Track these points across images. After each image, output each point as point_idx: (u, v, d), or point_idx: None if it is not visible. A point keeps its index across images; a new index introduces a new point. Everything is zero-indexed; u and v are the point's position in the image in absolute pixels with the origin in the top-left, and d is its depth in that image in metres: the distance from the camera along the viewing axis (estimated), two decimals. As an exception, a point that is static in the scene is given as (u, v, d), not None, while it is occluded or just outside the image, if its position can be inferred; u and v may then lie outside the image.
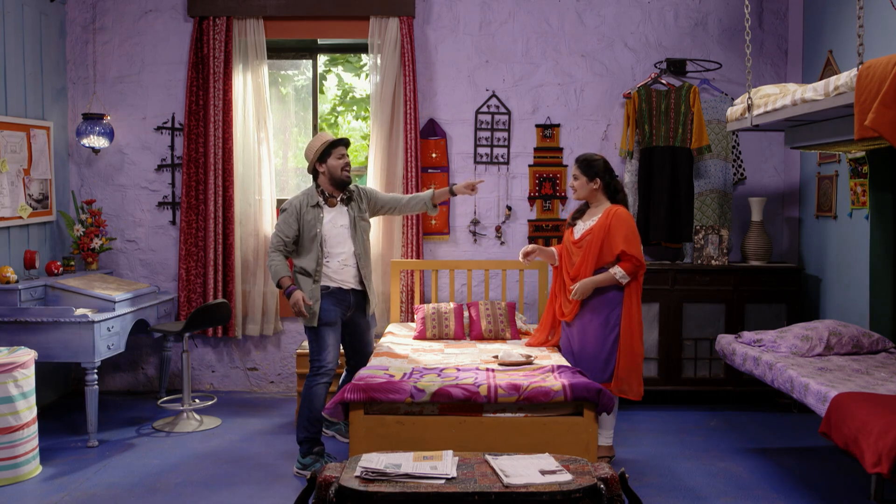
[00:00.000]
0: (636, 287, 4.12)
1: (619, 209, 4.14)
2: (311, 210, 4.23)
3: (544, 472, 2.80)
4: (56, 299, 4.74)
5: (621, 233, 4.05)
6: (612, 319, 4.10)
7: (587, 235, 4.14)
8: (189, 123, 5.50)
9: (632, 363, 4.10)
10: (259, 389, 5.78)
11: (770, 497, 3.80)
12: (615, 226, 4.06)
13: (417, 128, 5.48)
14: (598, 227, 4.11)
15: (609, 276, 4.06)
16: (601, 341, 4.10)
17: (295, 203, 4.25)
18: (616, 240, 4.04)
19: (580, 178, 4.21)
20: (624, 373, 4.09)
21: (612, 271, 4.06)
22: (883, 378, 3.66)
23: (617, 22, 5.61)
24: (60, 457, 4.34)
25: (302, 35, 5.65)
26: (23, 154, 5.02)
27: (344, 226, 4.28)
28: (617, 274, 4.05)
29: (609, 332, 4.10)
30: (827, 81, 3.46)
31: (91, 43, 5.65)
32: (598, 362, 4.10)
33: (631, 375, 4.10)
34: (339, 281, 4.25)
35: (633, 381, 4.11)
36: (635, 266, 4.06)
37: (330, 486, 2.72)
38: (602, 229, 4.09)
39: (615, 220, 4.08)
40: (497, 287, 5.63)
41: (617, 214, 4.10)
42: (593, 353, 4.12)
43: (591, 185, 4.20)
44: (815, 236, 5.32)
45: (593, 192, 4.22)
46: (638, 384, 4.13)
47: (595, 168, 4.19)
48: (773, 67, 5.64)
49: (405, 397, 3.48)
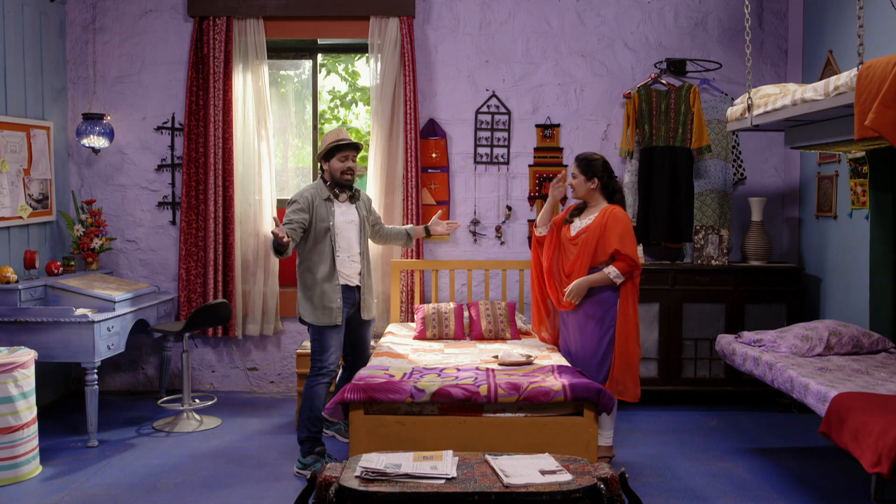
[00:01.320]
0: (632, 288, 4.11)
1: (615, 209, 4.14)
2: (324, 203, 4.21)
3: (544, 472, 2.80)
4: (56, 299, 4.74)
5: (616, 232, 4.05)
6: (608, 320, 4.09)
7: (583, 233, 4.15)
8: (189, 123, 5.50)
9: (627, 364, 4.09)
10: (259, 389, 5.78)
11: (770, 497, 3.80)
12: (611, 225, 4.06)
13: (417, 128, 5.48)
14: (594, 225, 4.12)
15: (603, 276, 4.06)
16: (596, 343, 4.10)
17: (307, 195, 4.19)
18: (611, 239, 4.04)
19: (578, 176, 4.21)
20: (619, 374, 4.08)
21: (606, 271, 4.06)
22: (883, 378, 3.67)
23: (617, 22, 5.61)
24: (60, 457, 4.34)
25: (302, 35, 5.65)
26: (23, 154, 5.02)
27: (354, 222, 4.31)
28: (611, 273, 4.04)
29: (604, 333, 4.09)
30: (827, 81, 3.46)
31: (91, 43, 5.65)
32: (593, 363, 4.10)
33: (626, 377, 4.09)
34: (346, 276, 4.26)
35: (629, 383, 4.10)
36: (630, 266, 4.05)
37: (330, 486, 2.72)
38: (598, 228, 4.09)
39: (611, 220, 4.08)
40: (497, 287, 5.63)
41: (613, 214, 4.10)
42: (588, 354, 4.12)
43: (589, 185, 4.20)
44: (815, 236, 5.32)
45: (591, 192, 4.22)
46: (634, 385, 4.11)
47: (594, 167, 4.19)
48: (773, 67, 5.64)
49: (405, 397, 3.48)
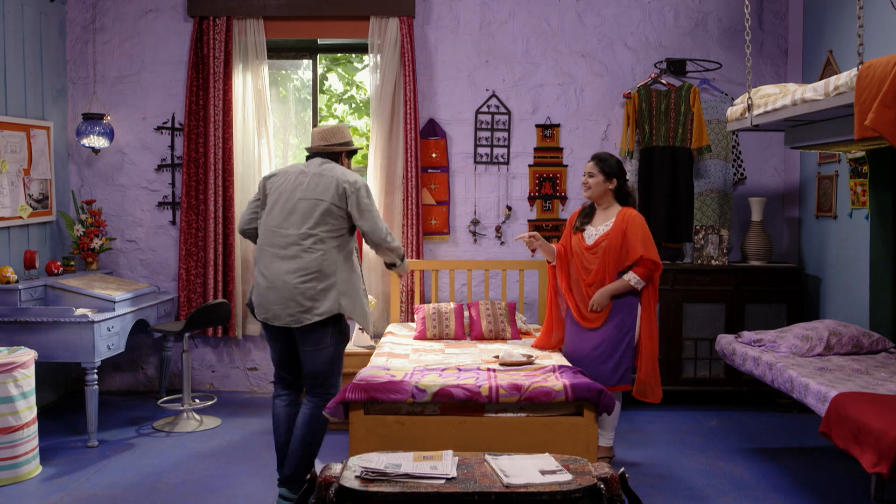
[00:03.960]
0: (653, 290, 4.10)
1: (632, 212, 4.10)
2: None
3: (544, 472, 2.80)
4: (56, 299, 4.74)
5: (638, 237, 4.01)
6: (628, 323, 4.08)
7: (603, 241, 4.09)
8: (189, 123, 5.50)
9: (653, 366, 4.11)
10: (259, 389, 5.78)
11: (770, 497, 3.80)
12: (631, 229, 4.02)
13: (417, 128, 5.48)
14: (614, 231, 4.06)
15: (624, 284, 4.03)
16: (614, 345, 4.08)
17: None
18: (635, 244, 4.00)
19: (597, 175, 4.13)
20: (646, 376, 4.10)
21: (626, 278, 4.02)
22: (883, 378, 3.66)
23: (617, 22, 5.60)
24: (60, 457, 4.34)
25: (302, 35, 5.65)
26: (23, 154, 5.02)
27: None
28: (632, 280, 4.01)
29: (623, 335, 4.07)
30: (827, 81, 3.46)
31: (91, 43, 5.64)
32: (609, 365, 4.07)
33: (652, 378, 4.11)
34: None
35: (655, 384, 4.13)
36: (650, 270, 4.03)
37: (330, 486, 2.72)
38: (619, 233, 4.04)
39: (631, 224, 4.04)
40: (497, 287, 5.63)
41: (632, 218, 4.06)
42: (605, 356, 4.09)
43: (608, 185, 4.14)
44: (815, 236, 5.32)
45: (607, 193, 4.16)
46: (658, 386, 4.15)
47: (613, 168, 4.14)
48: (773, 67, 5.63)
49: (406, 397, 3.48)
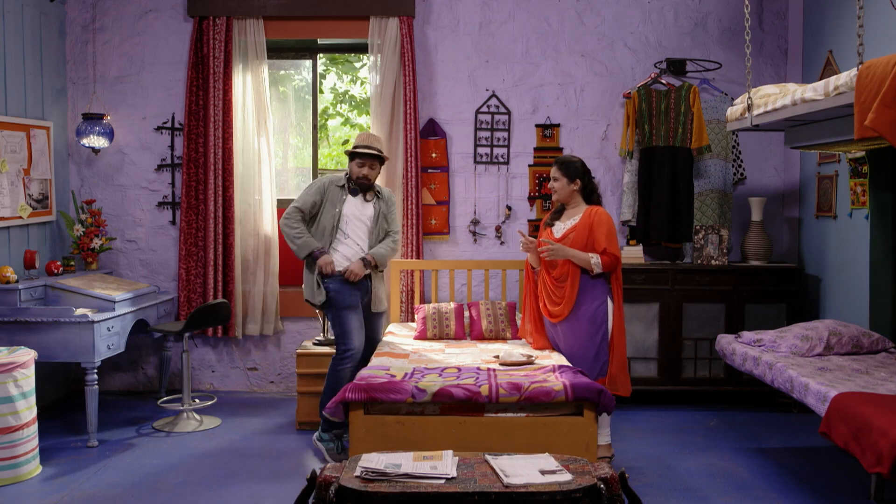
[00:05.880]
0: (618, 286, 4.23)
1: (599, 209, 4.25)
2: (338, 189, 4.47)
3: (544, 472, 2.80)
4: (56, 299, 4.74)
5: (603, 232, 4.15)
6: (599, 316, 4.16)
7: (570, 233, 4.22)
8: (189, 123, 5.50)
9: (622, 360, 4.21)
10: (259, 389, 5.78)
11: (770, 497, 3.80)
12: (597, 224, 4.16)
13: (417, 128, 5.48)
14: (581, 224, 4.20)
15: (585, 257, 4.13)
16: (590, 339, 4.16)
17: (324, 180, 4.52)
18: (599, 238, 4.14)
19: (560, 179, 4.29)
20: (616, 370, 4.18)
21: (589, 255, 4.14)
22: (883, 378, 3.66)
23: (617, 22, 5.61)
24: (60, 457, 4.34)
25: (302, 35, 5.65)
26: (23, 154, 5.02)
27: (368, 216, 4.50)
28: (592, 259, 4.13)
29: (597, 329, 4.16)
30: (827, 81, 3.46)
31: (91, 43, 5.65)
32: (588, 360, 4.14)
33: (622, 372, 4.21)
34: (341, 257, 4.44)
35: (625, 378, 4.22)
36: (611, 262, 4.16)
37: (330, 486, 2.72)
38: (585, 227, 4.18)
39: (597, 219, 4.18)
40: (497, 287, 5.63)
41: (598, 213, 4.21)
42: (583, 351, 4.16)
43: (572, 187, 4.28)
44: (815, 236, 5.32)
45: (573, 194, 4.30)
46: (628, 380, 4.24)
47: (575, 170, 4.27)
48: (773, 67, 5.63)
49: (406, 397, 3.49)
